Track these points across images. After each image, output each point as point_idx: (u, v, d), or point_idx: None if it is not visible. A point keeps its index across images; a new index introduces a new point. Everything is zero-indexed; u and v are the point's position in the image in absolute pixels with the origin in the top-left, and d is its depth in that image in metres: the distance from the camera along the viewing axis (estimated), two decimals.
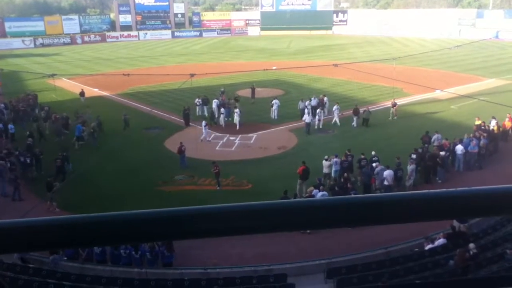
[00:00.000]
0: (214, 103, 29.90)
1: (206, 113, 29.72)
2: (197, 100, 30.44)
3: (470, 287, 10.16)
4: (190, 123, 28.17)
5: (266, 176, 20.50)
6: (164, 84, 40.05)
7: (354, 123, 27.68)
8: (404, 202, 1.04)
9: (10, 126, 26.92)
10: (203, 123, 25.89)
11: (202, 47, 74.63)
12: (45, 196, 17.98)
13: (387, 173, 18.16)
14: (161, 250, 13.96)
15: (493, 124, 23.90)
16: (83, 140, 25.26)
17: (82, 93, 34.35)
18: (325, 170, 19.56)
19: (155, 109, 30.78)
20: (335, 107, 28.14)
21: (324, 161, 19.66)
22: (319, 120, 27.57)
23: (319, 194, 16.56)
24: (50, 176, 19.05)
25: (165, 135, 26.71)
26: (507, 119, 24.83)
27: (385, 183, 18.14)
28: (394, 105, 28.99)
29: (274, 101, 30.12)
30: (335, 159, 19.72)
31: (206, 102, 30.22)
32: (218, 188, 19.52)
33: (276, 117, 29.58)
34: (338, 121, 27.90)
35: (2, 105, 31.96)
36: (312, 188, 17.29)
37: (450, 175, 20.33)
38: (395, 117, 28.72)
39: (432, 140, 22.10)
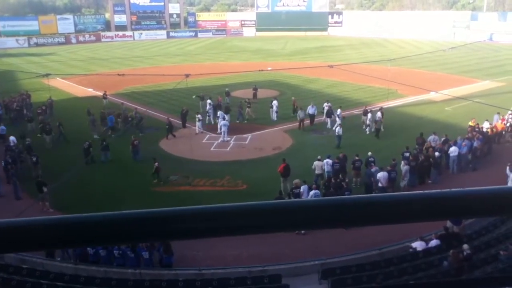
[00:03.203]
0: (209, 105, 29.82)
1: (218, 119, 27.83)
2: (208, 107, 29.38)
3: (463, 287, 10.19)
4: (187, 124, 28.09)
5: (261, 176, 20.49)
6: (159, 84, 39.97)
7: (371, 129, 26.46)
8: (398, 202, 1.05)
9: (2, 127, 26.73)
10: (224, 121, 25.98)
11: (197, 47, 74.55)
12: (37, 197, 17.90)
13: (381, 175, 18.20)
14: (160, 252, 13.95)
15: (486, 126, 24.06)
16: (113, 129, 27.08)
17: (104, 95, 34.05)
18: (318, 171, 19.44)
19: (150, 109, 30.72)
20: (378, 114, 26.46)
21: (316, 162, 19.58)
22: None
23: (312, 193, 16.60)
24: (37, 177, 19.14)
25: (160, 135, 26.65)
26: (499, 121, 24.99)
27: (379, 184, 18.19)
28: (365, 113, 27.29)
29: (273, 102, 29.95)
30: (326, 160, 19.71)
31: (228, 110, 28.71)
32: (155, 181, 20.28)
33: (275, 118, 29.48)
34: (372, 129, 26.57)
35: None
36: (298, 180, 17.36)
37: (443, 177, 20.42)
38: (367, 128, 27.04)
39: (428, 140, 22.15)
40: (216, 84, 40.16)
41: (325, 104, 28.71)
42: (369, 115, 26.65)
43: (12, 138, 24.06)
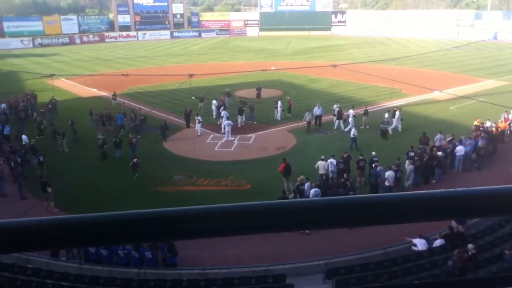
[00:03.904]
0: (213, 105, 29.92)
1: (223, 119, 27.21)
2: (221, 109, 28.82)
3: (468, 287, 10.17)
4: (190, 124, 28.12)
5: (265, 176, 20.50)
6: (163, 84, 40.03)
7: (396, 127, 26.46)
8: (402, 202, 1.04)
9: (7, 128, 26.82)
10: (228, 121, 25.97)
11: (201, 47, 74.57)
12: (41, 197, 17.98)
13: (389, 174, 18.17)
14: (164, 252, 13.98)
15: (489, 125, 23.95)
16: (124, 128, 27.03)
17: (114, 96, 34.32)
18: (321, 171, 19.37)
19: (154, 109, 30.77)
20: (397, 113, 26.66)
21: (319, 161, 19.53)
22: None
23: (312, 191, 16.61)
24: (42, 177, 19.19)
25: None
26: (501, 120, 24.87)
27: (386, 183, 18.15)
28: (365, 113, 27.37)
29: (278, 103, 29.81)
30: (330, 160, 19.70)
31: (241, 111, 28.44)
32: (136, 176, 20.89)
33: (279, 118, 29.46)
34: (399, 127, 26.61)
35: (4, 105, 31.80)
36: (302, 176, 17.48)
37: (448, 176, 20.35)
38: (367, 126, 26.96)
39: (435, 139, 22.08)
40: (219, 84, 40.18)
41: (335, 106, 28.26)
42: (386, 114, 26.48)
43: (24, 137, 24.22)
